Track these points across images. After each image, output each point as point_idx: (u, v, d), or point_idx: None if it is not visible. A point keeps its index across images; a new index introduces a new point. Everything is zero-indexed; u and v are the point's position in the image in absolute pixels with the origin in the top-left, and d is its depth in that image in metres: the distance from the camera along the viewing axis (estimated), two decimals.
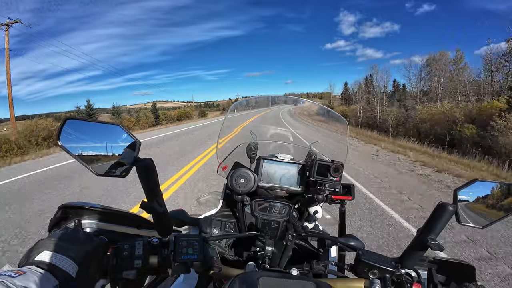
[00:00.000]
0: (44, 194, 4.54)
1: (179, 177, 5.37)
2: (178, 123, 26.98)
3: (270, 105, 1.62)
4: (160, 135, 14.30)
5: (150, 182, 0.52)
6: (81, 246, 0.50)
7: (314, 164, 0.72)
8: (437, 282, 0.61)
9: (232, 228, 0.82)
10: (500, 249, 2.91)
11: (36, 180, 5.70)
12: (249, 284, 0.47)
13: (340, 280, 0.61)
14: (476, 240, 3.07)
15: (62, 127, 0.51)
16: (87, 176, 5.18)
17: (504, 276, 2.44)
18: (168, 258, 0.54)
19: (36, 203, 4.12)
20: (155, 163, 0.52)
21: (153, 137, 13.36)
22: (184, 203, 3.95)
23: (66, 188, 4.90)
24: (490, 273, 2.48)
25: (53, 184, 5.18)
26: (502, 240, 3.11)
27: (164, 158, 7.23)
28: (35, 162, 8.13)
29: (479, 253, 2.82)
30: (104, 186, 4.70)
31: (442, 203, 0.56)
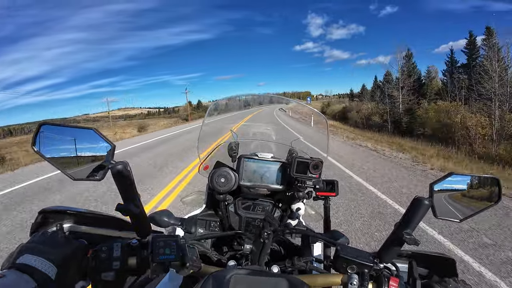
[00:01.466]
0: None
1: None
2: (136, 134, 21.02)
3: (257, 105, 1.59)
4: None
5: (126, 185, 0.53)
6: (60, 249, 0.51)
7: (293, 162, 0.72)
8: (417, 275, 0.62)
9: (217, 227, 0.83)
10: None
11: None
12: (221, 282, 0.48)
13: (320, 276, 0.62)
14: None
15: (38, 132, 0.52)
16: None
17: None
18: (147, 259, 0.54)
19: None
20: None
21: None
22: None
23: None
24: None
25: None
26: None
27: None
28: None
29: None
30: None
31: (417, 197, 0.57)
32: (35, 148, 0.51)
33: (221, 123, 1.50)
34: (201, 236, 0.78)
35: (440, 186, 0.59)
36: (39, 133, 0.52)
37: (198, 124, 4.26)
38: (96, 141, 0.53)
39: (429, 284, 0.58)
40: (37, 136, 0.51)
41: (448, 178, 0.59)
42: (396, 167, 6.86)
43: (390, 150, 9.74)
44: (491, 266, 2.57)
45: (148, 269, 0.55)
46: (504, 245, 2.94)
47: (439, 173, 6.26)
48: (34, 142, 0.51)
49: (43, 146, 0.52)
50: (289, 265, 0.68)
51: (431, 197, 0.57)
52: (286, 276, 0.50)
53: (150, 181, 5.40)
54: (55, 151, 0.53)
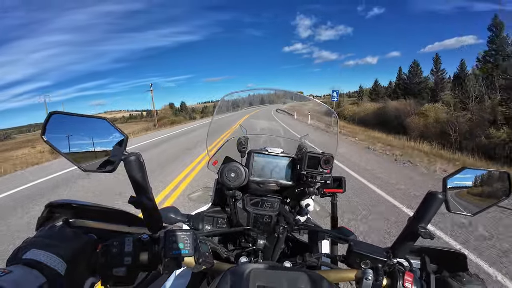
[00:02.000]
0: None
1: None
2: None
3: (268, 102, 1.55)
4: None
5: (138, 177, 0.51)
6: (69, 243, 0.49)
7: (305, 157, 0.71)
8: (430, 270, 0.61)
9: (224, 223, 0.82)
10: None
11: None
12: (241, 276, 0.46)
13: (333, 271, 0.61)
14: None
15: (47, 122, 0.50)
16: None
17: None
18: (159, 254, 0.53)
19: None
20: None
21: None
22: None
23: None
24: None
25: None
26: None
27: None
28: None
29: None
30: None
31: (431, 191, 0.57)
32: (44, 138, 0.49)
33: (231, 118, 1.48)
34: (213, 231, 0.77)
35: (453, 180, 0.59)
36: (49, 122, 0.50)
37: (167, 134, 5.04)
38: (109, 132, 0.51)
39: (443, 279, 0.58)
40: (46, 125, 0.50)
41: (461, 173, 0.59)
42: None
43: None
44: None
45: (159, 265, 0.53)
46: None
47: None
48: (44, 131, 0.49)
49: (53, 136, 0.50)
50: (300, 261, 0.67)
51: (444, 191, 0.57)
52: (305, 271, 0.49)
53: None
54: (65, 141, 0.51)
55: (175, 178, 5.46)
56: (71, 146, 0.51)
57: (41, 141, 0.50)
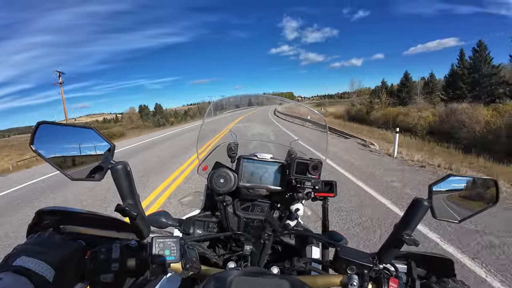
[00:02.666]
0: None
1: None
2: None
3: (256, 105, 1.58)
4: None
5: (125, 185, 0.52)
6: (58, 250, 0.50)
7: (293, 163, 0.72)
8: (415, 276, 0.62)
9: (215, 228, 0.83)
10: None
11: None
12: (223, 283, 0.47)
13: (320, 277, 0.62)
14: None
15: (36, 131, 0.51)
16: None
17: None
18: (146, 261, 0.54)
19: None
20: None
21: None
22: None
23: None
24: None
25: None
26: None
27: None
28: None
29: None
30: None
31: (417, 198, 0.57)
32: (33, 147, 0.50)
33: (221, 122, 1.49)
34: (199, 237, 0.78)
35: (439, 187, 0.60)
36: (37, 132, 0.51)
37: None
38: (96, 141, 0.52)
39: (428, 285, 0.58)
40: (35, 135, 0.51)
41: (447, 180, 0.60)
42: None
43: None
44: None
45: (147, 271, 0.54)
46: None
47: None
48: (33, 141, 0.50)
49: (41, 145, 0.51)
50: (289, 266, 0.67)
51: (430, 198, 0.58)
52: (287, 278, 0.50)
53: None
54: (53, 150, 0.52)
55: None
56: (59, 155, 0.52)
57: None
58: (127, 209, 0.52)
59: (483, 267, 2.33)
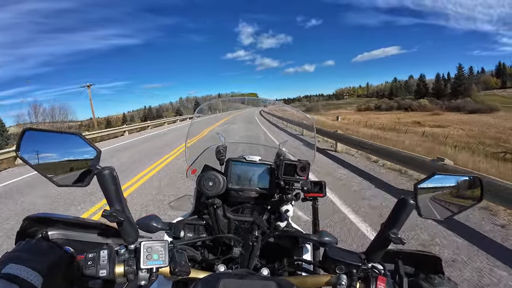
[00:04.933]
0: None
1: None
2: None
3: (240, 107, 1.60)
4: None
5: (112, 190, 0.52)
6: (45, 257, 0.50)
7: (281, 164, 0.73)
8: (403, 274, 0.63)
9: (205, 231, 0.83)
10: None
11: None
12: (210, 286, 0.47)
13: (309, 277, 0.62)
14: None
15: (21, 138, 0.51)
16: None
17: None
18: (135, 266, 0.54)
19: None
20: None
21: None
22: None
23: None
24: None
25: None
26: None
27: None
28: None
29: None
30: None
31: (402, 197, 0.58)
32: (19, 154, 0.50)
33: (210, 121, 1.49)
34: (189, 240, 0.78)
35: (424, 185, 0.61)
36: (23, 139, 0.51)
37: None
38: (81, 146, 0.53)
39: (416, 282, 0.59)
40: (21, 142, 0.51)
41: (432, 178, 0.60)
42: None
43: None
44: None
45: (135, 276, 0.54)
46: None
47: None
48: (19, 148, 0.50)
49: (27, 152, 0.51)
50: (279, 267, 0.68)
51: (415, 196, 0.59)
52: (275, 279, 0.51)
53: None
54: (39, 157, 0.52)
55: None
56: (45, 161, 0.52)
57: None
58: (114, 214, 0.52)
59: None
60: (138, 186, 4.92)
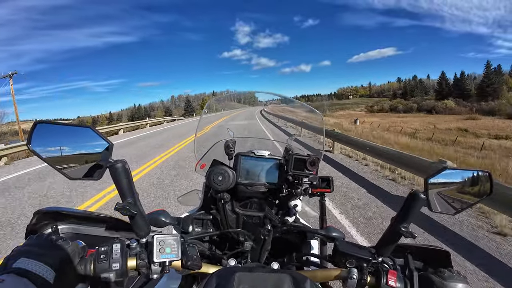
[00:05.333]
0: None
1: None
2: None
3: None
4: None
5: (124, 184, 0.52)
6: (57, 251, 0.49)
7: (291, 159, 0.73)
8: (413, 268, 0.63)
9: (213, 226, 0.83)
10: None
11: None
12: (226, 279, 0.47)
13: (319, 271, 0.62)
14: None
15: (33, 131, 0.50)
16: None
17: None
18: (147, 259, 0.54)
19: None
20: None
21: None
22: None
23: None
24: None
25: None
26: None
27: None
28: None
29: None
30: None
31: (413, 192, 0.58)
32: (30, 147, 0.50)
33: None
34: (201, 234, 0.78)
35: (434, 180, 0.61)
36: (34, 132, 0.50)
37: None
38: (94, 140, 0.52)
39: (426, 276, 0.59)
40: (32, 135, 0.50)
41: (442, 173, 0.61)
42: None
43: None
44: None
45: (148, 269, 0.54)
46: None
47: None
48: (30, 141, 0.50)
49: (39, 145, 0.50)
50: (288, 262, 0.68)
51: (426, 191, 0.59)
52: (289, 272, 0.51)
53: None
54: (51, 150, 0.52)
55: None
56: (57, 155, 0.52)
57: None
58: (127, 207, 0.52)
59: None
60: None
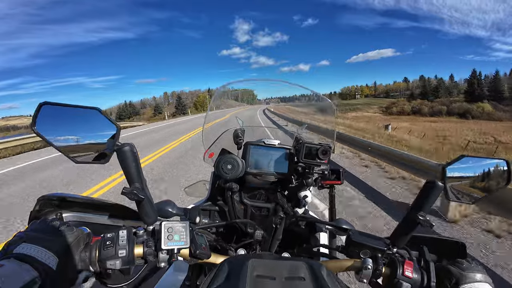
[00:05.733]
0: None
1: None
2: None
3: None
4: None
5: (132, 168, 0.51)
6: (61, 237, 0.48)
7: (302, 147, 0.71)
8: (429, 259, 0.61)
9: (221, 216, 0.81)
10: None
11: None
12: (239, 265, 0.45)
13: (332, 261, 0.60)
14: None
15: (38, 112, 0.48)
16: None
17: None
18: (154, 247, 0.52)
19: None
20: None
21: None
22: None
23: None
24: None
25: None
26: None
27: None
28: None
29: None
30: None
31: (430, 180, 0.56)
32: (35, 129, 0.48)
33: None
34: (210, 224, 0.76)
35: (452, 168, 0.59)
36: (39, 113, 0.48)
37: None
38: (101, 122, 0.50)
39: (443, 267, 0.57)
40: (37, 117, 0.48)
41: (460, 160, 0.59)
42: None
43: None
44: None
45: (155, 258, 0.52)
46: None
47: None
48: (35, 123, 0.48)
49: (44, 127, 0.48)
50: (298, 252, 0.66)
51: (443, 179, 0.57)
52: (304, 259, 0.49)
53: None
54: (56, 132, 0.50)
55: None
56: (63, 137, 0.50)
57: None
58: (134, 192, 0.50)
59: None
60: None
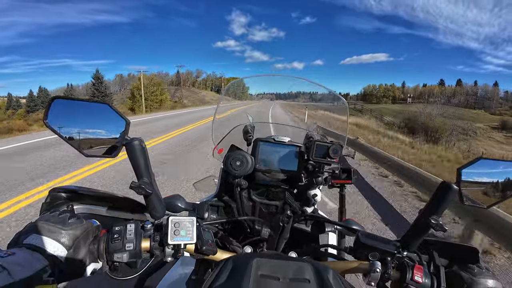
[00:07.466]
0: None
1: None
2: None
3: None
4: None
5: (141, 162, 0.51)
6: (70, 229, 0.48)
7: (313, 145, 0.69)
8: (440, 264, 0.59)
9: (229, 213, 0.81)
10: None
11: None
12: (243, 264, 0.45)
13: (340, 263, 0.59)
14: None
15: (49, 106, 0.50)
16: None
17: None
18: (161, 241, 0.52)
19: None
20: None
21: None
22: None
23: None
24: None
25: None
26: None
27: None
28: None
29: None
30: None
31: (445, 182, 0.54)
32: (47, 122, 0.49)
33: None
34: (217, 220, 0.76)
35: (467, 171, 0.57)
36: (51, 107, 0.50)
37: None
38: (111, 116, 0.51)
39: (453, 272, 0.56)
40: (49, 111, 0.49)
41: (477, 163, 0.56)
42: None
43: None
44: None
45: (161, 252, 0.53)
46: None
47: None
48: (47, 116, 0.49)
49: (55, 121, 0.50)
50: (306, 252, 0.65)
51: (458, 182, 0.55)
52: (310, 260, 0.48)
53: None
54: (67, 126, 0.51)
55: None
56: (73, 131, 0.51)
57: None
58: (142, 186, 0.50)
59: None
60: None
